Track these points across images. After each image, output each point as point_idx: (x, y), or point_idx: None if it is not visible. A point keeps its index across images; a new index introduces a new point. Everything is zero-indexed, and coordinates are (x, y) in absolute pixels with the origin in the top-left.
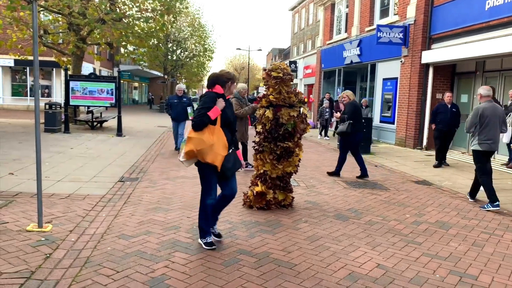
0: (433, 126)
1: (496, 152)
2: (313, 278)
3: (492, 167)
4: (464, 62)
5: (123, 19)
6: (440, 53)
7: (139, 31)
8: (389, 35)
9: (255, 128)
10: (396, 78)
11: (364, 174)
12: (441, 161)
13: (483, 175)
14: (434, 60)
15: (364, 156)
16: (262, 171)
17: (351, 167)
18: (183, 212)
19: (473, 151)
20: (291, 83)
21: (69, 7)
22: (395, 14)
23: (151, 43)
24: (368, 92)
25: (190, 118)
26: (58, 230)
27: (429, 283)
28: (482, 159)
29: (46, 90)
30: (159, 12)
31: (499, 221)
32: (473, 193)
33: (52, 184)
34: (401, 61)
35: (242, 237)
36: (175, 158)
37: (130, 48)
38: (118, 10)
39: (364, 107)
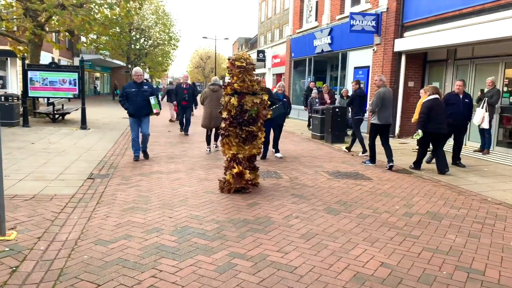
0: None
1: (466, 138)
2: (317, 283)
3: (465, 154)
4: (436, 50)
5: (85, 5)
6: (413, 41)
7: (102, 18)
8: (362, 23)
9: (221, 114)
10: (368, 67)
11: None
12: (455, 161)
13: (372, 140)
14: (407, 48)
15: (338, 145)
16: (231, 155)
17: (328, 156)
18: (163, 211)
19: (372, 124)
20: (254, 72)
21: None
22: (367, 2)
23: (114, 30)
24: (339, 81)
25: (154, 111)
26: (24, 237)
27: (439, 282)
28: (377, 131)
29: (1, 81)
30: None
31: (486, 210)
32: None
33: (14, 184)
34: (373, 50)
35: (233, 238)
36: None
37: (93, 36)
38: None
39: (344, 97)
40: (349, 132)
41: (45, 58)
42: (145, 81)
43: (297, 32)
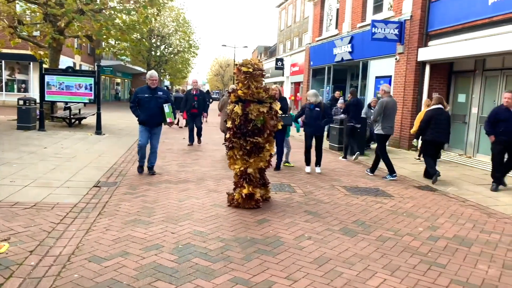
0: (492, 138)
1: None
2: None
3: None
4: (463, 60)
5: (104, 11)
6: (438, 50)
7: (121, 23)
8: (384, 31)
9: (226, 123)
10: (390, 76)
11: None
12: (500, 181)
13: (384, 153)
14: (431, 58)
15: (360, 158)
16: (239, 171)
17: (347, 169)
18: (167, 226)
19: (377, 134)
20: (264, 78)
21: None
22: (389, 10)
23: (133, 37)
24: (360, 91)
25: (168, 120)
26: (16, 250)
27: None
28: (383, 141)
29: (23, 85)
30: (142, 3)
31: None
32: (373, 168)
33: (18, 190)
34: (395, 59)
35: (238, 260)
36: (158, 159)
37: (112, 41)
38: (98, 1)
39: (372, 108)
40: (373, 146)
41: (66, 63)
42: (164, 88)
43: (317, 40)
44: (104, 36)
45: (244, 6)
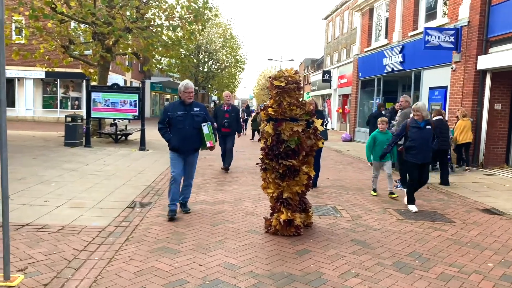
0: None
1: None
2: None
3: None
4: None
5: (150, 27)
6: (500, 57)
7: (167, 39)
8: (439, 38)
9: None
10: (446, 87)
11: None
12: None
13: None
14: (492, 66)
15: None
16: (275, 195)
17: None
18: (195, 256)
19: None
20: (298, 92)
21: (93, 14)
22: (443, 16)
23: (177, 52)
24: (412, 103)
25: (208, 144)
26: (29, 283)
27: None
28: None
29: (76, 102)
30: (187, 20)
31: None
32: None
33: (49, 211)
34: (451, 68)
35: None
36: (197, 177)
37: (158, 57)
38: (143, 18)
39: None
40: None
41: (116, 80)
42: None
43: (365, 51)
44: (150, 53)
45: (290, 20)
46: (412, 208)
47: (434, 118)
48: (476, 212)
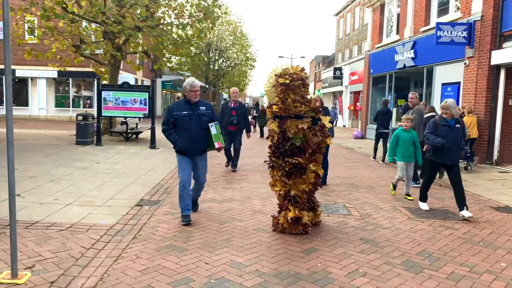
0: None
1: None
2: None
3: None
4: None
5: (160, 26)
6: None
7: (177, 38)
8: (451, 34)
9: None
10: (458, 83)
11: None
12: None
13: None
14: (507, 61)
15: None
16: (282, 192)
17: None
18: (202, 254)
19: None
20: (305, 89)
21: (103, 13)
22: (456, 11)
23: (187, 50)
24: (424, 99)
25: (216, 145)
26: (36, 281)
27: None
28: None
29: (88, 101)
30: (197, 18)
31: None
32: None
33: (58, 210)
34: (464, 63)
35: None
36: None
37: (168, 56)
38: (153, 17)
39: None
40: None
41: (127, 79)
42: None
43: (376, 47)
44: (160, 51)
45: (301, 16)
46: (424, 206)
47: (428, 115)
48: (490, 210)
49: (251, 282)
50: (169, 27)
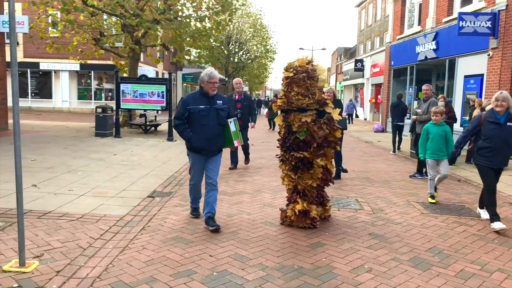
0: None
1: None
2: None
3: None
4: None
5: (178, 18)
6: None
7: (195, 30)
8: (474, 24)
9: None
10: (482, 75)
11: None
12: None
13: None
14: None
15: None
16: (291, 186)
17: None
18: (207, 246)
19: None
20: (310, 82)
21: (121, 6)
22: (480, 1)
23: (209, 43)
24: (446, 92)
25: (236, 143)
26: (43, 270)
27: None
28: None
29: (110, 94)
30: (214, 10)
31: None
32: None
33: (71, 200)
34: (488, 55)
35: None
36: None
37: (186, 48)
38: (171, 9)
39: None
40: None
41: (147, 71)
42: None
43: (398, 39)
44: (178, 44)
45: (322, 8)
46: (498, 225)
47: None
48: (508, 206)
49: (253, 276)
50: (187, 20)
